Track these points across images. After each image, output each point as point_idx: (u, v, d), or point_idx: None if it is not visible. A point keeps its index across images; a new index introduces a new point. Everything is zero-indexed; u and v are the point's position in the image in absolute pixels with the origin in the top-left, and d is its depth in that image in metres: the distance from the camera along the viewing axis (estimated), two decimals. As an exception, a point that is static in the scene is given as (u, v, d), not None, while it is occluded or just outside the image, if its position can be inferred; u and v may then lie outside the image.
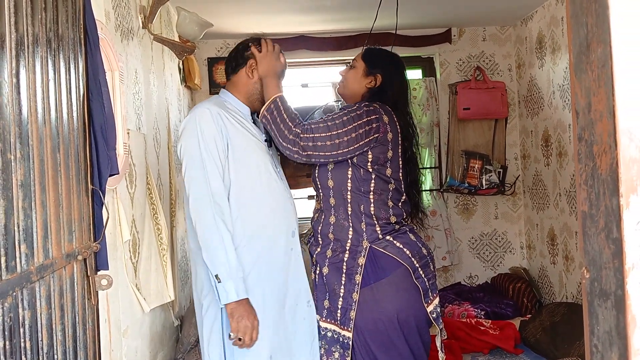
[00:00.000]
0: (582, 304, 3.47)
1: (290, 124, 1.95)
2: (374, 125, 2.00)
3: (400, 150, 2.08)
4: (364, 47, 2.35)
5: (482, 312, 3.85)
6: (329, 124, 1.98)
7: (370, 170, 2.01)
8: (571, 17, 0.89)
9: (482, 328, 3.59)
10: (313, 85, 4.68)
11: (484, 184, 4.41)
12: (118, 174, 1.84)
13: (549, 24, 3.90)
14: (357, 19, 4.06)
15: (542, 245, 4.25)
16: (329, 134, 1.96)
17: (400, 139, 2.08)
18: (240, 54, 2.04)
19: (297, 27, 4.29)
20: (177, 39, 3.37)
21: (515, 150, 4.58)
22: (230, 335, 1.81)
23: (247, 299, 1.82)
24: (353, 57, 2.26)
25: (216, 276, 1.78)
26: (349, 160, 2.01)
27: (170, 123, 3.42)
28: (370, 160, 2.01)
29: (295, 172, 2.33)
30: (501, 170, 4.48)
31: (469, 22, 4.47)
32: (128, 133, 2.37)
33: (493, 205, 4.62)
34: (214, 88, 4.50)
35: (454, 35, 4.56)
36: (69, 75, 1.48)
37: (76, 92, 1.53)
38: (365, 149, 1.99)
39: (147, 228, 2.64)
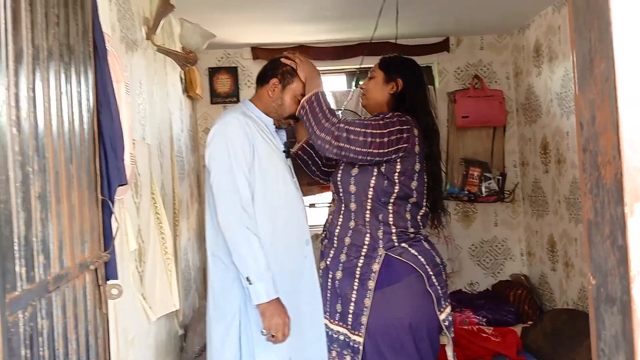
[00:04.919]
0: (583, 310, 3.51)
1: (329, 114, 2.02)
2: (405, 135, 2.03)
3: (426, 164, 2.11)
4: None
5: (484, 319, 3.87)
6: (365, 122, 2.04)
7: (397, 181, 2.04)
8: (574, 32, 0.92)
9: (484, 335, 3.60)
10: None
11: (483, 192, 4.44)
12: (127, 184, 1.87)
13: (545, 32, 3.95)
14: (356, 28, 4.10)
15: (542, 252, 4.28)
16: (364, 130, 1.99)
17: (426, 150, 2.10)
18: (268, 72, 2.14)
19: (297, 37, 4.33)
20: (179, 50, 3.40)
21: (514, 157, 4.62)
22: (262, 332, 1.90)
23: (278, 298, 1.91)
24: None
25: (247, 278, 1.88)
26: (375, 168, 2.04)
27: (172, 133, 3.45)
28: (398, 170, 2.04)
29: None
30: (500, 177, 4.52)
31: (467, 31, 4.52)
32: (133, 143, 2.40)
33: (493, 213, 4.65)
34: (215, 98, 4.53)
35: (452, 44, 4.60)
36: (80, 87, 1.51)
37: (86, 103, 1.55)
38: (393, 156, 2.02)
39: (152, 237, 2.66)
